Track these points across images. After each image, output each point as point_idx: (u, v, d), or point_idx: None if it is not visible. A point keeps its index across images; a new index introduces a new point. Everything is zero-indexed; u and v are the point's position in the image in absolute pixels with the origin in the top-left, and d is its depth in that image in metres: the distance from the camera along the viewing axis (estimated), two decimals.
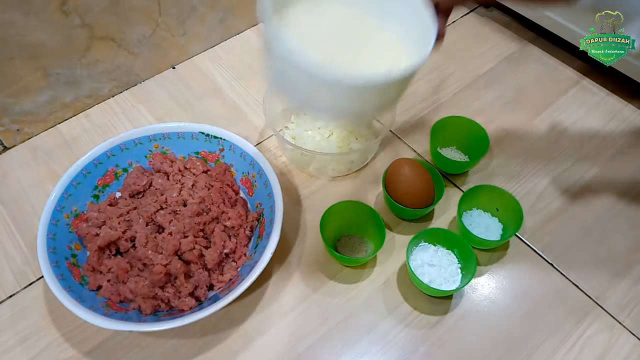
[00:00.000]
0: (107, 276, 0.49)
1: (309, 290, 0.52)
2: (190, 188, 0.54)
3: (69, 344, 0.49)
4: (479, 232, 0.54)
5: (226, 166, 0.57)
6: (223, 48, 0.74)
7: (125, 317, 0.46)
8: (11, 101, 0.60)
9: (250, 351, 0.48)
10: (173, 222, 0.50)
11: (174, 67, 0.72)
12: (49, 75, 0.60)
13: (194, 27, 0.70)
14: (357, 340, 0.49)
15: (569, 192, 0.59)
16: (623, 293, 0.51)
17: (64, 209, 0.51)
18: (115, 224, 0.50)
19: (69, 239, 0.51)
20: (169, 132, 0.57)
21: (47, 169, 0.61)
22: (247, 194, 0.57)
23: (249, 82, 0.70)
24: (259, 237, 0.52)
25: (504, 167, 0.61)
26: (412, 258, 0.51)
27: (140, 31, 0.65)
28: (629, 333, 0.49)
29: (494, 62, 0.72)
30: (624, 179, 0.60)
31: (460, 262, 0.51)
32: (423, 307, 0.51)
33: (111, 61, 0.65)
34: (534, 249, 0.55)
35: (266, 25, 0.37)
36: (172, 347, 0.49)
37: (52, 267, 0.47)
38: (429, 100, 0.68)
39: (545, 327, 0.49)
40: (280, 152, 0.63)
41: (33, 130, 0.64)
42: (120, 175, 0.56)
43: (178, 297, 0.48)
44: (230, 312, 0.50)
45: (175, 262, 0.48)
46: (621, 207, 0.57)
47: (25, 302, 0.51)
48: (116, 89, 0.68)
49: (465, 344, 0.49)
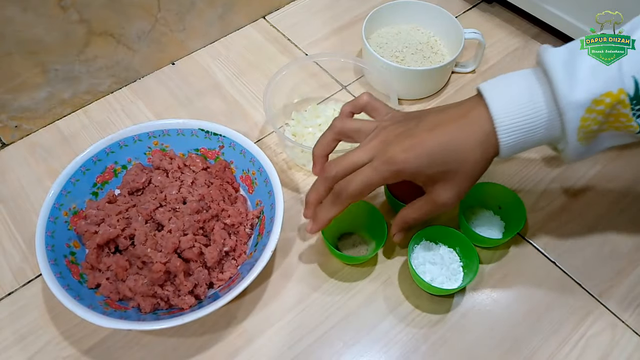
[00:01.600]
0: (106, 274, 0.49)
1: (309, 289, 0.51)
2: (189, 185, 0.53)
3: (68, 342, 0.48)
4: (481, 230, 0.53)
5: (226, 163, 0.57)
6: (223, 44, 0.73)
7: (125, 315, 0.45)
8: (9, 97, 0.59)
9: (250, 350, 0.48)
10: (172, 220, 0.50)
11: (174, 63, 0.71)
12: (47, 72, 0.60)
13: (194, 23, 0.69)
14: (358, 339, 0.48)
15: (571, 190, 0.58)
16: (626, 291, 0.51)
17: (62, 206, 0.51)
18: (114, 222, 0.50)
19: (67, 237, 0.50)
20: (169, 129, 0.56)
21: (46, 166, 0.61)
22: (247, 192, 0.56)
23: (249, 79, 0.69)
24: (259, 235, 0.51)
25: (506, 165, 0.60)
26: (414, 256, 0.51)
27: (139, 27, 0.64)
28: (632, 332, 0.49)
29: (497, 58, 0.71)
30: (626, 177, 0.59)
31: (462, 260, 0.51)
32: (424, 305, 0.50)
33: (110, 57, 0.64)
34: (537, 247, 0.54)
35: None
36: (172, 346, 0.48)
37: (50, 265, 0.46)
38: (432, 97, 0.67)
39: (548, 326, 0.49)
40: (281, 149, 0.62)
41: (31, 127, 0.64)
42: (119, 172, 0.56)
43: (177, 296, 0.47)
44: (230, 310, 0.50)
45: (174, 260, 0.47)
46: (624, 205, 0.57)
47: (24, 300, 0.51)
48: (115, 85, 0.68)
49: (467, 343, 0.48)
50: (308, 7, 0.78)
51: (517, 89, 0.40)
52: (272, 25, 0.76)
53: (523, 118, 0.39)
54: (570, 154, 0.41)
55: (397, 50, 0.68)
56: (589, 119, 0.38)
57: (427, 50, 0.68)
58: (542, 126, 0.40)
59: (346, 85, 0.69)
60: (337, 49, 0.73)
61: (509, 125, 0.40)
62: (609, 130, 0.39)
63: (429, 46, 0.69)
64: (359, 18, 0.76)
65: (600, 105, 0.37)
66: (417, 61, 0.67)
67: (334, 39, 0.74)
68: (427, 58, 0.67)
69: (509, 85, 0.41)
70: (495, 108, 0.40)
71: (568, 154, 0.41)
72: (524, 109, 0.39)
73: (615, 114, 0.38)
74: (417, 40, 0.70)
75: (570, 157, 0.42)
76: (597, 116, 0.38)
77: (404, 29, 0.71)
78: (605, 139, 0.41)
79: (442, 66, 0.63)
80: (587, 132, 0.39)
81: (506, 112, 0.40)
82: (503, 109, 0.40)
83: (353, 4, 0.78)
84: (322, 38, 0.74)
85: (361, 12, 0.76)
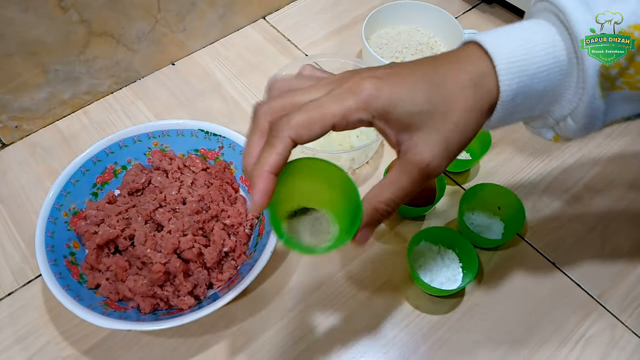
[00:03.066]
0: (106, 274, 0.49)
1: (308, 289, 0.51)
2: (189, 186, 0.53)
3: (68, 342, 0.48)
4: (480, 231, 0.53)
5: (226, 164, 0.57)
6: (223, 44, 0.74)
7: (124, 315, 0.46)
8: (9, 98, 0.59)
9: (250, 350, 0.48)
10: (172, 220, 0.50)
11: (174, 63, 0.71)
12: (48, 72, 0.60)
13: (194, 23, 0.69)
14: (357, 340, 0.48)
15: (571, 191, 0.58)
16: (625, 292, 0.51)
17: (62, 206, 0.51)
18: (114, 222, 0.50)
19: (67, 237, 0.51)
20: (168, 130, 0.56)
21: (46, 166, 0.61)
22: (247, 192, 0.56)
23: (249, 79, 0.69)
24: (259, 236, 0.51)
25: (506, 166, 0.60)
26: (413, 257, 0.51)
27: (139, 27, 0.64)
28: (631, 333, 0.49)
29: None
30: (626, 178, 0.59)
31: (461, 261, 0.51)
32: (424, 306, 0.50)
33: (110, 57, 0.64)
34: (536, 248, 0.54)
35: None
36: (171, 346, 0.48)
37: (50, 266, 0.46)
38: None
39: (547, 327, 0.49)
40: None
41: (31, 127, 0.64)
42: (119, 172, 0.56)
43: (177, 296, 0.47)
44: (229, 311, 0.50)
45: (174, 261, 0.47)
46: (623, 206, 0.57)
47: (24, 300, 0.51)
48: (115, 85, 0.68)
49: (467, 344, 0.48)
50: (308, 8, 0.78)
51: (518, 30, 0.32)
52: (272, 26, 0.76)
53: (529, 54, 0.31)
54: (581, 114, 0.33)
55: (397, 51, 0.68)
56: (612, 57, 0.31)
57: (427, 51, 0.68)
58: (553, 67, 0.31)
59: None
60: (337, 49, 0.73)
61: (513, 62, 0.31)
62: (624, 89, 0.33)
63: (428, 47, 0.69)
64: (358, 19, 0.76)
65: (626, 40, 0.30)
66: None
67: (333, 39, 0.74)
68: None
69: (510, 29, 0.32)
70: (493, 45, 0.31)
71: (578, 115, 0.33)
72: (530, 43, 0.31)
73: (638, 62, 0.31)
74: (417, 41, 0.70)
75: (581, 119, 0.33)
76: (620, 57, 0.31)
77: (403, 29, 0.71)
78: (617, 103, 0.34)
79: None
80: (606, 78, 0.32)
81: (508, 50, 0.31)
82: (503, 46, 0.31)
83: (353, 4, 0.78)
84: (322, 39, 0.74)
85: (361, 13, 0.76)
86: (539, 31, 0.32)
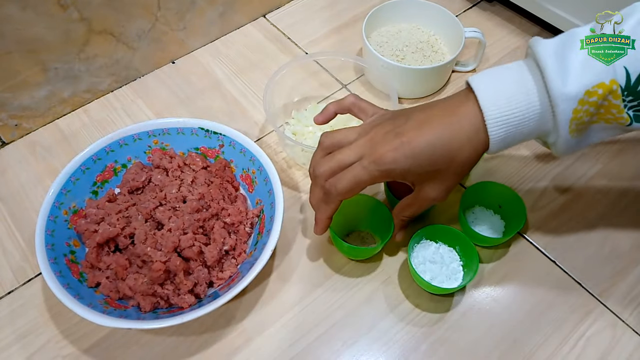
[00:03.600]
0: (106, 273, 0.49)
1: (308, 288, 0.51)
2: (189, 184, 0.53)
3: (68, 341, 0.48)
4: (481, 229, 0.53)
5: (226, 162, 0.56)
6: (223, 42, 0.73)
7: (124, 314, 0.45)
8: (9, 96, 0.59)
9: (250, 349, 0.48)
10: (172, 219, 0.50)
11: (174, 61, 0.71)
12: (47, 70, 0.60)
13: (194, 22, 0.69)
14: (358, 339, 0.48)
15: (572, 190, 0.58)
16: (626, 291, 0.51)
17: (62, 205, 0.51)
18: (114, 221, 0.50)
19: (67, 236, 0.50)
20: (168, 128, 0.56)
21: (46, 165, 0.61)
22: (247, 190, 0.56)
23: (249, 77, 0.69)
24: (259, 234, 0.51)
25: (506, 164, 0.60)
26: (414, 255, 0.51)
27: (139, 25, 0.64)
28: (632, 331, 0.49)
29: (497, 57, 0.71)
30: (627, 176, 0.59)
31: (462, 259, 0.51)
32: (424, 304, 0.50)
33: (110, 56, 0.64)
34: (537, 247, 0.54)
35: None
36: (172, 345, 0.48)
37: (50, 264, 0.46)
38: (432, 95, 0.67)
39: (548, 325, 0.49)
40: (281, 148, 0.62)
41: (31, 126, 0.63)
42: (119, 171, 0.56)
43: (177, 295, 0.47)
44: (229, 309, 0.50)
45: (174, 259, 0.47)
46: (624, 205, 0.57)
47: (24, 298, 0.51)
48: (115, 83, 0.68)
49: (467, 342, 0.48)
50: (308, 6, 0.78)
51: (508, 81, 0.39)
52: (272, 24, 0.76)
53: (514, 110, 0.39)
54: (561, 146, 0.41)
55: (397, 49, 0.68)
56: (581, 111, 0.37)
57: (427, 49, 0.68)
58: (533, 119, 0.39)
59: (346, 84, 0.69)
60: (337, 47, 0.73)
61: (500, 118, 0.39)
62: (600, 123, 0.39)
63: (429, 45, 0.69)
64: (359, 17, 0.76)
65: (593, 96, 0.37)
66: (418, 60, 0.67)
67: (334, 37, 0.74)
68: (427, 57, 0.67)
69: (499, 78, 0.40)
70: (485, 101, 0.39)
71: (559, 147, 0.41)
72: (514, 101, 0.39)
73: (607, 105, 0.37)
74: (418, 39, 0.69)
75: (561, 150, 0.41)
76: (589, 108, 0.37)
77: (404, 27, 0.71)
78: (596, 132, 0.40)
79: (443, 65, 0.63)
80: (578, 124, 0.39)
81: (497, 105, 0.39)
82: (493, 102, 0.39)
83: (353, 2, 0.78)
84: (323, 37, 0.74)
85: (361, 11, 0.76)
86: (523, 85, 0.39)
